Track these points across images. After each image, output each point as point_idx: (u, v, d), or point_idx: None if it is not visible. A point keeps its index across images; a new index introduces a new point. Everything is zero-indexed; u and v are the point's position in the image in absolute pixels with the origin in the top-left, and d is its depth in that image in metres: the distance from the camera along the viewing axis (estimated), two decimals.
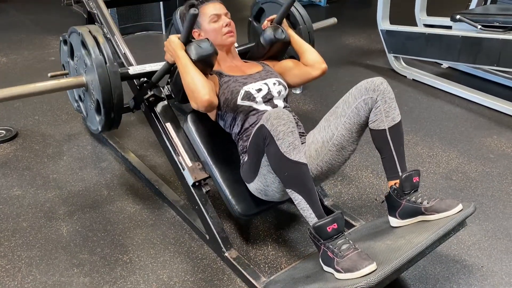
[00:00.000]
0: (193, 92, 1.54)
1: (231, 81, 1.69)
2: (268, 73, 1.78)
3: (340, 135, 1.55)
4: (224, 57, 1.80)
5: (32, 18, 4.71)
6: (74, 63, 1.84)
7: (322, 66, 1.84)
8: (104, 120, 1.72)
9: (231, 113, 1.68)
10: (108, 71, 1.62)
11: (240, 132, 1.68)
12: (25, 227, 1.88)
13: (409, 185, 1.51)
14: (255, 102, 1.66)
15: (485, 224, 1.94)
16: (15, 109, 2.87)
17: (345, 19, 5.34)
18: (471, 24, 2.98)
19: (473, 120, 2.87)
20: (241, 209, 1.68)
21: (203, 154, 1.76)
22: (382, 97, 1.51)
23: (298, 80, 1.88)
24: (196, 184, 1.74)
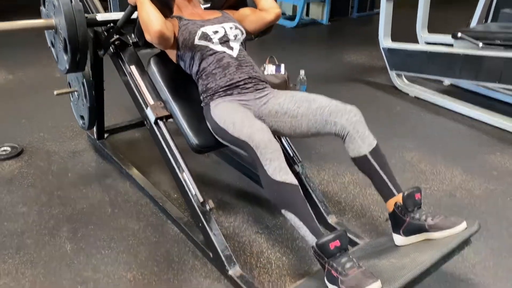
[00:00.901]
0: (146, 25, 1.66)
1: (190, 24, 1.82)
2: (225, 19, 1.91)
3: (299, 122, 1.67)
4: (186, 5, 1.94)
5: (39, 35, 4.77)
6: (45, 10, 1.96)
7: (276, 11, 1.97)
8: (71, 58, 1.83)
9: (189, 53, 1.81)
10: (73, 9, 1.73)
11: (198, 71, 1.81)
12: (29, 244, 1.88)
13: (411, 202, 1.52)
14: (212, 43, 1.79)
15: (490, 242, 1.93)
16: (21, 126, 2.89)
17: (347, 37, 5.40)
18: (473, 41, 3.01)
19: (476, 137, 2.88)
20: (199, 141, 1.80)
21: (165, 93, 1.88)
22: (353, 127, 1.58)
23: (255, 25, 1.99)
24: (158, 121, 1.84)
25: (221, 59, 1.78)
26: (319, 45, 5.06)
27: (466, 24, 3.91)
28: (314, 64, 4.27)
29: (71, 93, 2.51)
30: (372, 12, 6.25)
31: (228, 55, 1.79)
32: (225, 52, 1.80)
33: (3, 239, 1.91)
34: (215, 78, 1.77)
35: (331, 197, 2.24)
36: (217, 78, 1.77)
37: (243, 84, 1.77)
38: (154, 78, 1.92)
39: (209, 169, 2.48)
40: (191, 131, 1.81)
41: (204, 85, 1.80)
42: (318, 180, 2.37)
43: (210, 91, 1.78)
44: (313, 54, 4.61)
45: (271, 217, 2.07)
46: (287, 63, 3.35)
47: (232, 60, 1.79)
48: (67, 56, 1.85)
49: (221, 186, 2.33)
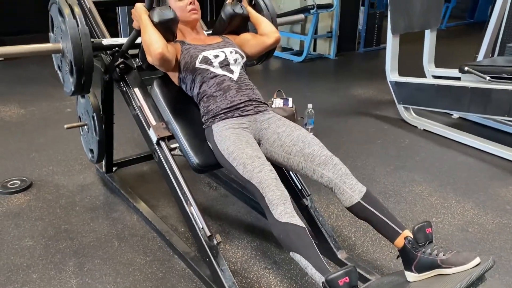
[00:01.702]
0: (148, 46, 1.71)
1: (192, 48, 1.87)
2: (226, 44, 1.95)
3: (291, 161, 1.72)
4: (189, 32, 1.97)
5: (50, 71, 4.87)
6: (53, 35, 2.02)
7: (276, 35, 2.01)
8: (76, 80, 1.86)
9: (190, 76, 1.85)
10: (79, 32, 1.77)
11: (199, 93, 1.84)
12: (34, 279, 1.86)
13: (422, 236, 1.49)
14: (212, 66, 1.83)
15: (505, 278, 1.87)
16: (31, 160, 2.92)
17: (354, 71, 5.46)
18: (480, 75, 3.02)
19: (487, 171, 2.84)
20: (200, 160, 1.82)
21: (167, 114, 1.92)
22: (340, 179, 1.63)
23: (255, 49, 2.03)
24: (159, 141, 1.87)
25: (221, 82, 1.81)
26: (326, 79, 5.12)
27: (473, 58, 3.95)
28: (322, 98, 4.30)
29: (81, 127, 2.54)
30: (379, 47, 6.33)
31: (228, 78, 1.83)
32: (225, 75, 1.83)
33: (9, 273, 1.89)
34: (216, 100, 1.80)
35: (340, 231, 2.21)
36: (217, 100, 1.79)
37: (244, 106, 1.79)
38: (156, 99, 1.96)
39: (217, 202, 2.47)
40: (192, 151, 1.84)
41: (205, 107, 1.83)
42: (327, 214, 2.34)
43: (211, 113, 1.80)
44: (320, 88, 4.65)
45: (280, 252, 2.03)
46: (294, 97, 3.39)
47: (233, 83, 1.82)
48: (73, 78, 1.89)
49: (229, 219, 2.31)
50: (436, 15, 3.69)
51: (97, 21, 2.23)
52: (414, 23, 3.53)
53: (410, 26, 3.52)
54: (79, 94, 2.06)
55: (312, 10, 5.31)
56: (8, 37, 6.07)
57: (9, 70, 5.01)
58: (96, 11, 2.25)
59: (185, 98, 1.95)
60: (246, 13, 2.02)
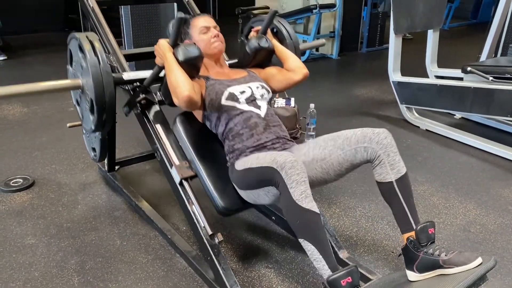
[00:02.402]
0: (175, 88, 1.65)
1: (217, 84, 1.80)
2: (252, 78, 1.89)
3: (330, 163, 1.63)
4: (213, 65, 1.91)
5: (54, 70, 4.90)
6: (72, 69, 1.97)
7: (304, 71, 1.94)
8: (97, 119, 1.82)
9: (215, 113, 1.78)
10: (101, 71, 1.73)
11: (224, 131, 1.78)
12: (36, 277, 1.87)
13: (425, 236, 1.49)
14: (238, 103, 1.76)
15: (507, 279, 1.87)
16: (33, 158, 2.92)
17: (356, 71, 5.45)
18: (482, 75, 3.02)
19: (489, 171, 2.84)
20: (225, 204, 1.75)
21: (190, 153, 1.85)
22: (384, 150, 1.55)
23: (281, 85, 1.97)
24: (182, 181, 1.80)
25: (248, 118, 1.74)
26: (329, 79, 5.11)
27: (476, 58, 3.94)
28: (324, 97, 4.30)
29: None
30: (381, 47, 6.32)
31: (255, 114, 1.76)
32: (252, 111, 1.76)
33: (11, 271, 1.90)
34: (241, 138, 1.73)
35: (342, 231, 2.21)
36: (244, 138, 1.73)
37: (271, 144, 1.73)
38: (179, 137, 1.89)
39: None
40: (217, 193, 1.77)
41: (231, 146, 1.75)
42: (329, 214, 2.34)
43: (236, 151, 1.74)
44: (323, 88, 4.65)
45: (281, 251, 2.04)
46: (297, 96, 3.39)
47: (260, 120, 1.75)
48: (93, 116, 1.84)
49: (230, 218, 2.31)
50: (439, 15, 3.68)
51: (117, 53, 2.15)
52: (417, 23, 3.53)
53: (413, 26, 3.52)
54: (100, 131, 2.00)
55: (315, 10, 5.30)
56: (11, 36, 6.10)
57: (13, 69, 5.03)
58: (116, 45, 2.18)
59: (209, 135, 1.87)
60: (272, 47, 1.96)
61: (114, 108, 1.83)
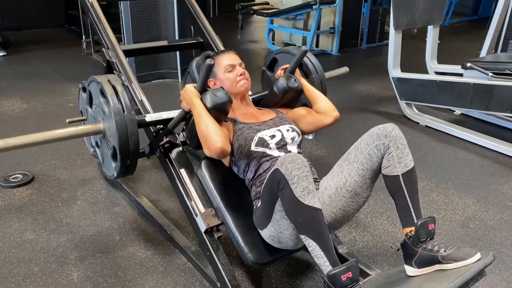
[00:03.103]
0: (206, 139, 1.58)
1: (245, 128, 1.72)
2: (281, 120, 1.80)
3: (353, 181, 1.56)
4: (239, 105, 1.84)
5: (54, 67, 4.89)
6: (92, 111, 1.89)
7: (334, 114, 1.87)
8: (120, 166, 1.74)
9: (244, 159, 1.69)
10: (125, 119, 1.66)
11: (253, 178, 1.68)
12: (36, 272, 1.87)
13: (424, 232, 1.48)
14: (269, 148, 1.68)
15: (505, 274, 1.87)
16: (33, 154, 2.92)
17: (357, 67, 5.44)
18: (482, 71, 3.01)
19: (488, 167, 2.84)
20: (254, 257, 1.64)
21: (216, 200, 1.74)
22: (394, 143, 1.52)
23: (311, 127, 1.90)
24: (208, 230, 1.73)
25: None
26: None
27: (476, 54, 3.93)
28: None
29: (83, 121, 2.54)
30: (382, 43, 6.31)
31: None
32: None
33: (10, 266, 1.90)
34: None
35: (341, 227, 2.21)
36: None
37: None
38: (204, 182, 1.79)
39: None
40: (246, 245, 1.66)
41: (258, 192, 1.66)
42: None
43: None
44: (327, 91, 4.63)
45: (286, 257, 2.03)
46: None
47: None
48: (116, 163, 1.76)
49: None
50: (439, 11, 3.67)
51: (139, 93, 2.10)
52: (417, 19, 3.52)
53: (413, 22, 3.51)
54: (123, 177, 1.94)
55: (315, 6, 5.28)
56: (12, 32, 6.08)
57: (12, 65, 5.02)
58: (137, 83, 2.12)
59: (236, 181, 1.78)
60: (301, 87, 1.89)
61: (138, 156, 1.75)
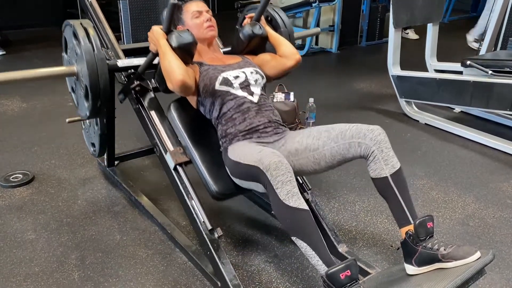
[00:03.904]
0: (168, 73, 1.68)
1: (211, 69, 1.83)
2: (246, 63, 1.91)
3: (322, 154, 1.65)
4: (206, 50, 1.93)
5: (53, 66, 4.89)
6: (67, 56, 2.00)
7: (296, 57, 1.96)
8: (92, 105, 1.84)
9: (209, 98, 1.81)
10: (95, 58, 1.74)
11: (218, 116, 1.80)
12: (37, 271, 1.88)
13: (423, 231, 1.49)
14: (232, 88, 1.79)
15: (505, 272, 1.88)
16: (33, 153, 2.93)
17: (356, 65, 5.44)
18: (482, 69, 3.01)
19: (488, 165, 2.84)
20: (218, 188, 1.78)
21: (185, 139, 1.87)
22: (378, 147, 1.56)
23: (275, 71, 1.99)
24: (177, 166, 1.82)
25: (241, 104, 1.77)
26: (328, 73, 5.10)
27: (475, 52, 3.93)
28: (324, 92, 4.29)
29: (82, 121, 2.55)
30: (381, 40, 6.30)
31: (248, 101, 1.79)
32: (245, 98, 1.79)
33: (11, 266, 1.90)
34: (234, 123, 1.76)
35: (341, 225, 2.21)
36: (236, 123, 1.76)
37: (263, 128, 1.76)
38: (174, 123, 1.91)
39: None
40: (211, 178, 1.79)
41: (224, 130, 1.78)
42: (328, 208, 2.35)
43: (229, 136, 1.77)
44: (322, 82, 4.64)
45: (281, 246, 2.04)
46: (296, 91, 3.38)
47: (252, 105, 1.79)
48: (88, 103, 1.86)
49: (230, 213, 2.32)
50: (438, 9, 3.67)
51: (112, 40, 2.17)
52: (417, 17, 3.51)
53: (412, 20, 3.51)
54: (94, 117, 2.04)
55: (314, 4, 5.27)
56: (11, 31, 6.07)
57: (11, 64, 5.02)
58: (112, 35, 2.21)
59: (203, 121, 1.90)
60: (265, 34, 1.97)
61: (108, 95, 1.84)
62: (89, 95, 1.81)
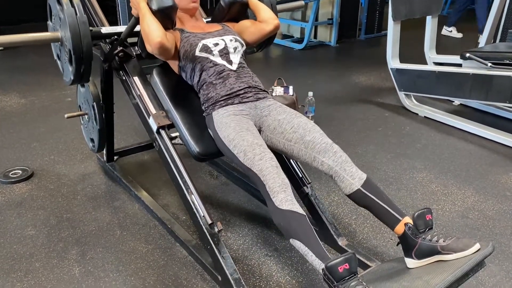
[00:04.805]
0: (147, 35, 1.70)
1: (191, 36, 1.87)
2: (226, 31, 1.94)
3: (291, 148, 1.72)
4: (188, 19, 1.97)
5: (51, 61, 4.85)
6: (52, 23, 2.00)
7: (275, 22, 2.00)
8: (75, 69, 1.85)
9: (190, 64, 1.85)
10: (78, 21, 1.76)
11: (199, 81, 1.85)
12: (37, 267, 1.88)
13: (422, 223, 1.50)
14: (212, 55, 1.83)
15: (505, 264, 1.88)
16: (32, 149, 2.92)
17: (355, 58, 5.43)
18: (481, 62, 3.01)
19: (488, 157, 2.84)
20: (200, 149, 1.83)
21: (167, 103, 1.91)
22: (340, 167, 1.63)
23: (254, 37, 2.02)
24: (160, 130, 1.86)
25: (221, 71, 1.82)
26: (327, 66, 5.09)
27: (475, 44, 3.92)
28: (323, 85, 4.29)
29: (81, 116, 2.54)
30: (380, 33, 6.29)
31: (228, 69, 1.84)
32: (225, 66, 1.84)
33: (12, 262, 1.91)
34: (215, 88, 1.81)
35: (341, 219, 2.22)
36: (217, 88, 1.80)
37: (243, 93, 1.80)
38: (156, 88, 1.96)
39: (218, 190, 2.47)
40: (192, 139, 1.85)
41: (205, 95, 1.83)
42: (327, 202, 2.35)
43: (211, 100, 1.81)
44: (321, 76, 4.63)
45: (281, 239, 2.05)
46: (295, 84, 3.37)
47: (232, 72, 1.84)
48: (72, 67, 1.88)
49: (230, 207, 2.32)
50: (437, 1, 3.66)
51: (96, 9, 2.22)
52: (416, 9, 3.50)
53: (411, 12, 3.49)
54: (78, 83, 2.06)
55: None
56: (8, 27, 6.05)
57: (9, 60, 5.00)
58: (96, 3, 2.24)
59: (185, 86, 1.95)
60: (246, 0, 2.01)
61: (91, 60, 1.85)
62: (73, 58, 1.82)
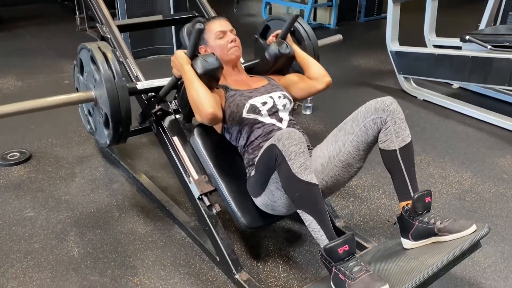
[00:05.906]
0: (197, 105, 1.58)
1: (237, 95, 1.72)
2: (273, 87, 1.80)
3: (347, 151, 1.56)
4: (230, 72, 1.83)
5: (48, 43, 4.82)
6: (83, 79, 1.89)
7: (326, 79, 1.88)
8: (113, 133, 1.76)
9: (236, 126, 1.71)
10: (116, 85, 1.66)
11: (245, 144, 1.70)
12: (37, 248, 1.89)
13: (421, 205, 1.50)
14: (260, 115, 1.69)
15: (500, 245, 1.90)
16: (30, 131, 2.91)
17: (354, 41, 5.39)
18: (481, 44, 2.99)
19: (485, 140, 2.85)
20: (246, 221, 1.68)
21: (209, 167, 1.77)
22: (392, 117, 1.51)
23: (303, 93, 1.91)
24: (202, 196, 1.74)
25: (269, 132, 1.67)
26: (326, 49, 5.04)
27: (475, 27, 3.89)
28: None
29: None
30: (380, 16, 6.23)
31: (277, 128, 1.68)
32: (274, 125, 1.69)
33: (11, 243, 1.92)
34: None
35: (338, 200, 2.23)
36: None
37: None
38: (197, 150, 1.80)
39: None
40: (238, 210, 1.69)
41: (250, 159, 1.68)
42: None
43: None
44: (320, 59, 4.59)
45: (278, 221, 2.06)
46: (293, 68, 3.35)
47: None
48: (108, 131, 1.77)
49: None
50: None
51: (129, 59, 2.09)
52: None
53: None
54: (115, 144, 1.96)
55: None
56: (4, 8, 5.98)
57: (5, 42, 4.95)
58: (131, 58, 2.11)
59: (227, 147, 1.79)
60: (292, 53, 1.88)
61: (130, 122, 1.75)
62: (110, 124, 1.72)
